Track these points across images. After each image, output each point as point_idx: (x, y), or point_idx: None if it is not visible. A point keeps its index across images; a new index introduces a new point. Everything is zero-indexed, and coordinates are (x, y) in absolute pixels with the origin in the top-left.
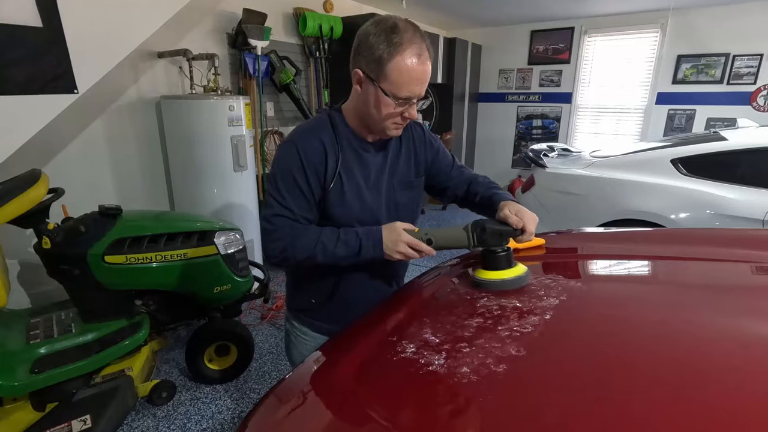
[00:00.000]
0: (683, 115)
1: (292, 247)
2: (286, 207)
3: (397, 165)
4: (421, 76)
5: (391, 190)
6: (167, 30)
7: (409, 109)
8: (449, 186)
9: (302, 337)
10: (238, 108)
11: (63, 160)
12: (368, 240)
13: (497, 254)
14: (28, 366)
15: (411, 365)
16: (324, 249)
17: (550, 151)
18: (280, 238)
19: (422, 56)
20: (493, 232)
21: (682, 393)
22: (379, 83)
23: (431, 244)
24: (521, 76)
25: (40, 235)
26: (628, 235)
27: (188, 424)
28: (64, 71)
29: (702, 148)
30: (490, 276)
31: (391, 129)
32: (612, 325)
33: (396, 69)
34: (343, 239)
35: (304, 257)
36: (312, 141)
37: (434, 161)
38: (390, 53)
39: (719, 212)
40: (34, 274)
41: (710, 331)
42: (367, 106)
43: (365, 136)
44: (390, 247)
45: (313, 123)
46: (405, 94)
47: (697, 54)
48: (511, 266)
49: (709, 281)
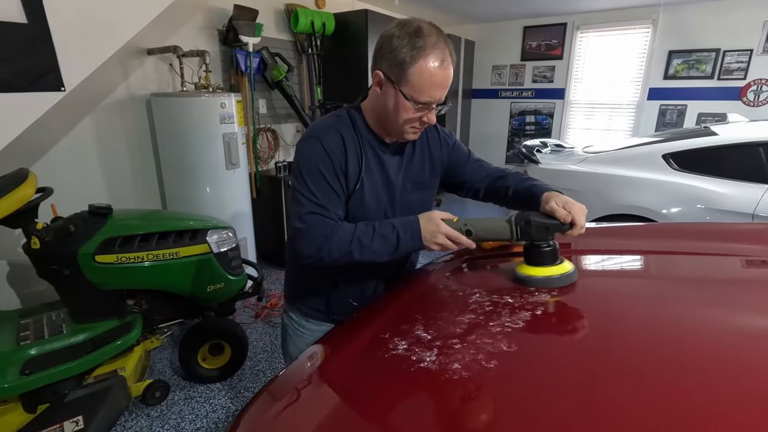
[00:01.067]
0: (674, 111)
1: (327, 246)
2: (318, 204)
3: (411, 166)
4: (443, 81)
5: (404, 190)
6: (157, 26)
7: (428, 114)
8: (466, 180)
9: (300, 330)
10: (229, 105)
11: (52, 159)
12: (406, 232)
13: (542, 249)
14: (19, 367)
15: (403, 362)
16: (360, 245)
17: (543, 147)
18: (314, 237)
19: (445, 61)
20: (539, 226)
21: (674, 387)
22: (399, 86)
23: (470, 236)
24: (514, 72)
25: (29, 235)
26: (620, 230)
27: (182, 424)
28: (51, 68)
29: (693, 143)
30: (534, 272)
31: (408, 133)
32: (603, 319)
33: (418, 73)
34: (379, 232)
35: (340, 255)
36: (336, 139)
37: (450, 158)
38: (413, 57)
39: (710, 207)
40: (24, 275)
41: (701, 325)
42: (386, 109)
43: (384, 137)
44: (428, 238)
45: (333, 120)
46: (425, 99)
47: (688, 49)
48: (556, 262)
49: (701, 275)
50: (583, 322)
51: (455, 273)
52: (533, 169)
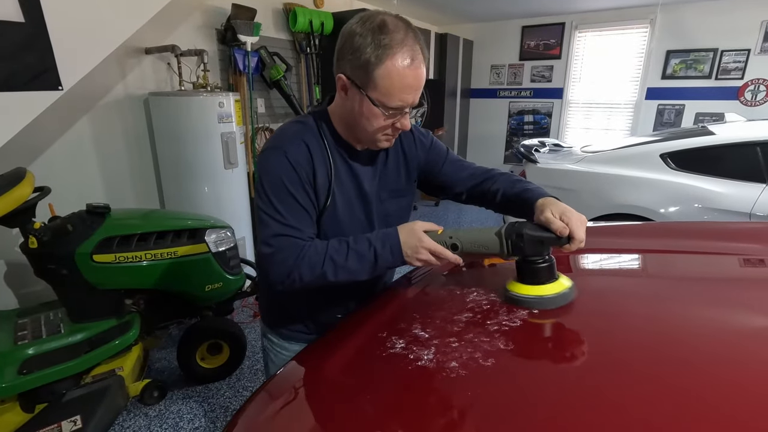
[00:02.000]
0: (672, 110)
1: (298, 270)
2: (285, 224)
3: (385, 173)
4: (414, 83)
5: (380, 200)
6: (154, 25)
7: (401, 119)
8: (444, 182)
9: (282, 353)
10: (228, 105)
11: (49, 158)
12: (384, 247)
13: (537, 266)
14: (16, 367)
15: (400, 360)
16: (334, 265)
17: (542, 147)
18: (283, 261)
19: (415, 60)
20: (531, 240)
21: (673, 386)
22: (366, 91)
23: (456, 250)
24: (513, 71)
25: (26, 234)
26: (618, 229)
27: (180, 423)
28: (48, 67)
29: (690, 142)
30: (527, 291)
31: (381, 141)
32: (602, 318)
33: (385, 75)
34: (354, 249)
35: (313, 278)
36: (301, 148)
37: (427, 159)
38: (378, 57)
39: (707, 206)
40: (22, 274)
41: (700, 324)
42: (353, 116)
43: (354, 144)
44: (409, 253)
45: (297, 127)
46: (396, 104)
47: (686, 49)
48: (553, 279)
49: (699, 274)
50: (582, 322)
51: (453, 272)
52: (531, 168)
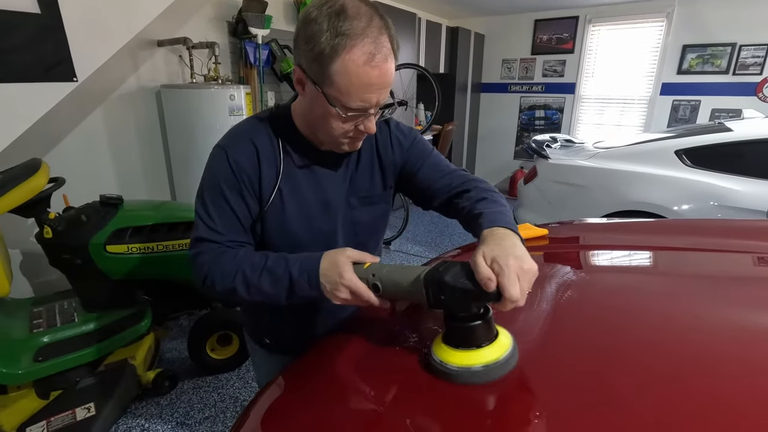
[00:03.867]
0: (688, 106)
1: (212, 277)
2: (212, 229)
3: (355, 177)
4: (377, 81)
5: (348, 208)
6: (167, 18)
7: (364, 122)
8: (419, 189)
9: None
10: (239, 97)
11: (63, 149)
12: (302, 274)
13: (464, 326)
14: (32, 354)
15: (415, 353)
16: (246, 282)
17: (553, 142)
18: (202, 265)
19: (378, 54)
20: (453, 292)
21: (686, 386)
22: (322, 88)
23: (378, 292)
24: (524, 66)
25: (41, 224)
26: (632, 225)
27: (191, 412)
28: (63, 59)
29: (707, 139)
30: (451, 359)
31: (343, 144)
32: (616, 316)
33: (342, 72)
34: (269, 269)
35: (225, 290)
36: (246, 148)
37: (405, 163)
38: (334, 49)
39: (723, 204)
40: (37, 264)
41: (713, 323)
42: (312, 115)
43: (317, 144)
44: (328, 288)
45: (250, 123)
46: (356, 105)
47: (703, 44)
48: (489, 341)
49: (713, 272)
50: (595, 320)
51: None
52: (542, 164)
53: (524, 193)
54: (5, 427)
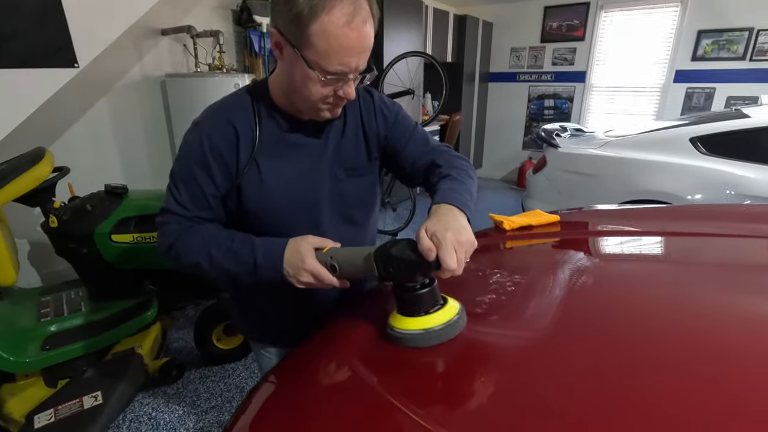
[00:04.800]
0: (702, 94)
1: (177, 248)
2: (178, 203)
3: (340, 148)
4: (357, 44)
5: (334, 179)
6: (170, 6)
7: (344, 86)
8: (405, 167)
9: (266, 356)
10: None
11: (68, 139)
12: (266, 258)
13: (412, 293)
14: (39, 343)
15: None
16: (210, 258)
17: (563, 131)
18: (168, 235)
19: (358, 16)
20: (399, 263)
21: (698, 377)
22: (300, 51)
23: (335, 272)
24: (533, 54)
25: (47, 213)
26: (646, 212)
27: (197, 402)
28: (64, 44)
29: (723, 126)
30: (406, 325)
31: (323, 110)
32: (628, 304)
33: (321, 33)
34: (235, 250)
35: (191, 263)
36: (220, 124)
37: (389, 137)
38: (312, 10)
39: (740, 192)
40: (44, 254)
41: (726, 311)
42: (290, 80)
43: (297, 115)
44: (291, 273)
45: (227, 100)
46: (335, 68)
47: (719, 29)
48: (436, 307)
49: (728, 259)
50: (607, 307)
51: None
52: (552, 153)
53: (533, 183)
54: (14, 414)
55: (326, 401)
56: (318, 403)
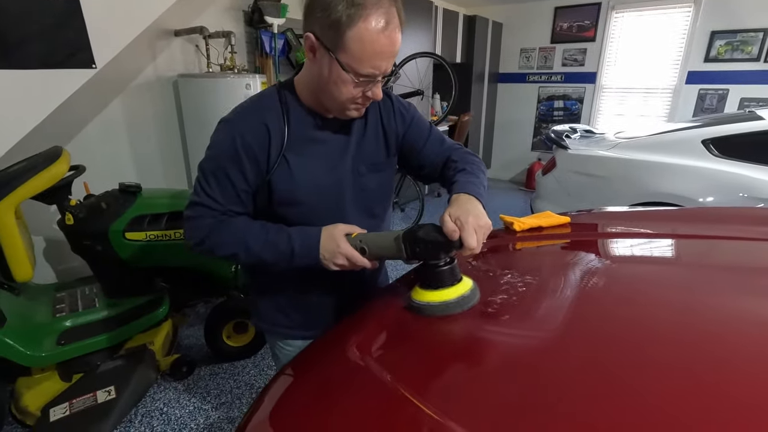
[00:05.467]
0: (715, 95)
1: (211, 241)
2: (210, 197)
3: (362, 145)
4: (388, 49)
5: (356, 174)
6: (183, 7)
7: (372, 88)
8: (424, 164)
9: (287, 349)
10: (254, 87)
11: (84, 138)
12: (303, 246)
13: (435, 269)
14: (55, 338)
15: (431, 338)
16: (247, 249)
17: (573, 133)
18: (200, 228)
19: (391, 24)
20: (426, 244)
21: (708, 382)
22: (336, 54)
23: (365, 254)
24: (543, 55)
25: (63, 211)
26: (657, 214)
27: (207, 398)
28: (82, 46)
29: (736, 128)
30: (426, 297)
31: (350, 110)
32: (638, 307)
33: (357, 38)
34: (272, 241)
35: (226, 254)
36: (252, 122)
37: (406, 136)
38: (350, 17)
39: (753, 195)
40: (59, 251)
41: (738, 316)
42: (321, 81)
43: (323, 113)
44: (327, 257)
45: (257, 101)
46: (368, 71)
47: (733, 30)
48: (454, 282)
49: (737, 262)
50: (616, 309)
51: (482, 257)
52: (562, 155)
53: (542, 184)
54: (30, 407)
55: (340, 397)
56: (331, 399)
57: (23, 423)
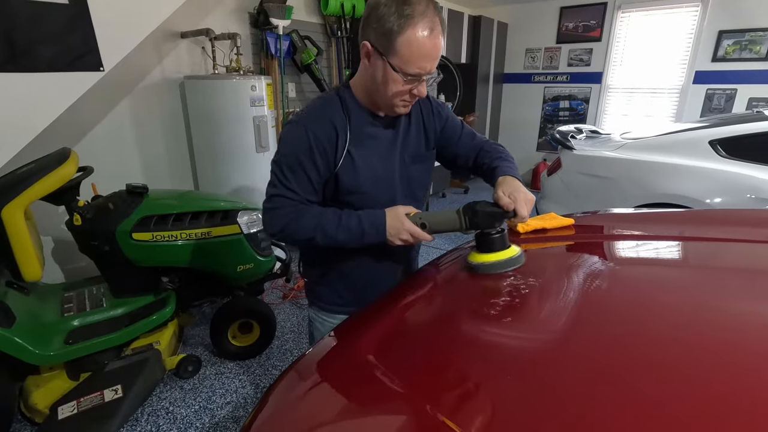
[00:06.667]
0: (723, 95)
1: (291, 228)
2: (288, 188)
3: (407, 139)
4: (432, 52)
5: (403, 164)
6: (190, 9)
7: (418, 86)
8: (459, 155)
9: (329, 322)
10: (260, 88)
11: (92, 139)
12: (371, 226)
13: (490, 236)
14: (63, 337)
15: (433, 340)
16: (324, 233)
17: (578, 133)
18: (280, 217)
19: (434, 30)
20: (484, 215)
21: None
22: (387, 58)
23: (425, 229)
24: (549, 55)
25: (71, 212)
26: (663, 216)
27: (213, 397)
28: (90, 48)
29: (743, 128)
30: (482, 259)
31: (399, 106)
32: (643, 309)
33: (406, 43)
34: (344, 224)
35: (304, 238)
36: (322, 122)
37: (443, 131)
38: (401, 26)
39: (761, 197)
40: (68, 251)
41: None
42: (374, 82)
43: (375, 111)
44: (393, 234)
45: (322, 103)
46: (414, 71)
47: (741, 29)
48: (505, 248)
49: (743, 265)
50: (619, 311)
51: None
52: (567, 155)
53: (548, 185)
54: (38, 405)
55: (344, 396)
56: (336, 398)
57: (32, 421)
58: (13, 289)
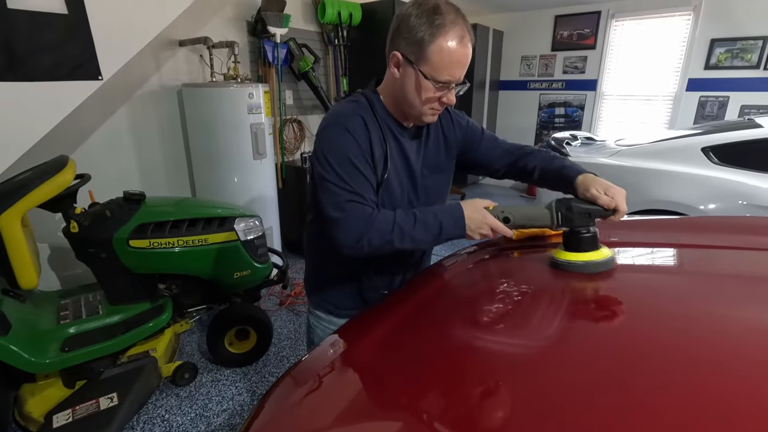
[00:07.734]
0: (715, 102)
1: (368, 235)
2: (353, 191)
3: (427, 150)
4: (463, 59)
5: (423, 176)
6: (188, 18)
7: (447, 94)
8: (481, 159)
9: (331, 328)
10: (257, 96)
11: (89, 147)
12: (449, 220)
13: (583, 235)
14: (59, 345)
15: (428, 348)
16: (402, 233)
17: (573, 140)
18: (354, 226)
19: (464, 38)
20: (581, 212)
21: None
22: (419, 66)
23: (508, 223)
24: (544, 62)
25: (68, 219)
26: (657, 223)
27: (209, 405)
28: (89, 58)
29: (735, 135)
30: (574, 258)
31: (427, 115)
32: (637, 316)
33: (437, 51)
34: (421, 220)
35: (381, 244)
36: (359, 122)
37: (464, 139)
38: (432, 35)
39: (753, 203)
40: (64, 258)
41: (739, 325)
42: (404, 91)
43: (402, 121)
44: (473, 228)
45: (352, 105)
46: (445, 78)
47: (733, 37)
48: (596, 248)
49: (739, 271)
50: (616, 320)
51: (480, 263)
52: None
53: (543, 191)
54: (34, 414)
55: (339, 402)
56: (331, 405)
57: (27, 430)
58: (8, 297)
